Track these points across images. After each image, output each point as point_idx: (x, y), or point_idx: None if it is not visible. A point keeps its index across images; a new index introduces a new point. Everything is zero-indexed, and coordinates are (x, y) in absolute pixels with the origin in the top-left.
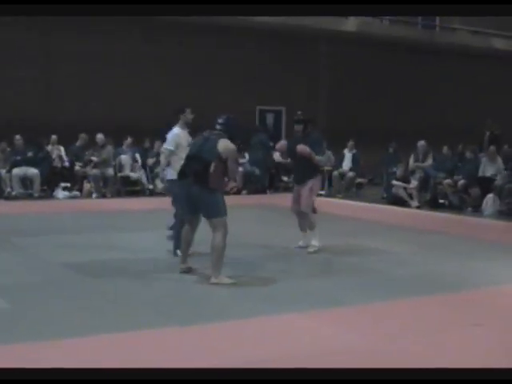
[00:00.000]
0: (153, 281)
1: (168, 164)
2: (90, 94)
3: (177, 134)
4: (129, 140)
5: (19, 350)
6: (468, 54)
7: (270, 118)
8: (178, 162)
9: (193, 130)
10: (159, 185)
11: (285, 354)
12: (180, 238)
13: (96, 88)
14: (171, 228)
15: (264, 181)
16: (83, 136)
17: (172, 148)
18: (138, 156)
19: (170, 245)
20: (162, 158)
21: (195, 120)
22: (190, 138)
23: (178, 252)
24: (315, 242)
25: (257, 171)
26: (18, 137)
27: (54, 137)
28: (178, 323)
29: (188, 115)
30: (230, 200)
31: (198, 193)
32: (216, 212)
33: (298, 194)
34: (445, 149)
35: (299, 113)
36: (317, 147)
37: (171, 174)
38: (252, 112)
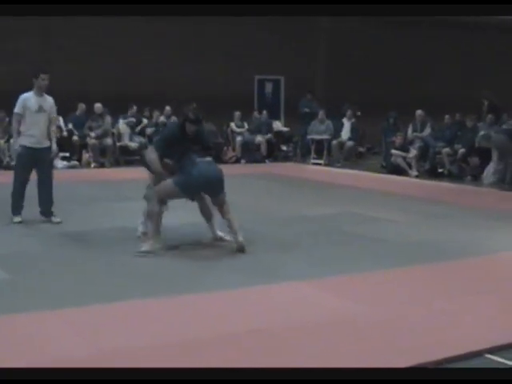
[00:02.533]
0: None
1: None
2: (89, 65)
3: (25, 98)
4: (134, 108)
5: (19, 320)
6: (467, 25)
7: (268, 87)
8: (26, 126)
9: (190, 99)
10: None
11: (288, 322)
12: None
13: (95, 58)
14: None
15: None
16: (81, 106)
17: (19, 111)
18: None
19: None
20: (13, 122)
21: (193, 89)
22: (49, 104)
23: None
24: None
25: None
26: None
27: None
28: (177, 293)
29: (41, 81)
30: (229, 169)
31: None
32: None
33: None
34: (446, 117)
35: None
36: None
37: (21, 139)
38: (251, 81)
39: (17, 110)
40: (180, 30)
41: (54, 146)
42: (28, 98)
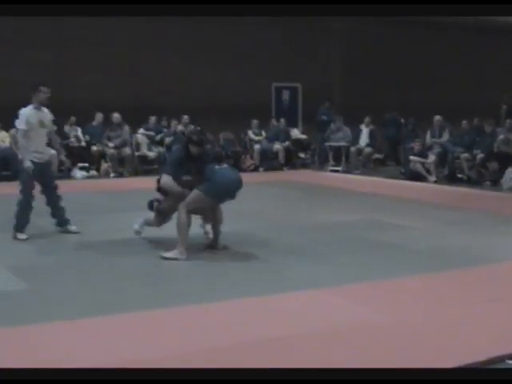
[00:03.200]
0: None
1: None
2: (104, 75)
3: (27, 113)
4: (152, 119)
5: (39, 330)
6: (485, 29)
7: (285, 95)
8: (31, 141)
9: (208, 107)
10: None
11: (306, 330)
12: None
13: (111, 67)
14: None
15: None
16: (99, 115)
17: (25, 127)
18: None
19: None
20: (20, 139)
21: (211, 98)
22: (48, 117)
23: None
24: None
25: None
26: None
27: (72, 118)
28: (194, 302)
29: (42, 94)
30: (247, 177)
31: None
32: None
33: None
34: (464, 123)
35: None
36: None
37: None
38: (268, 89)
39: (22, 125)
40: (197, 39)
41: (64, 158)
42: (30, 114)
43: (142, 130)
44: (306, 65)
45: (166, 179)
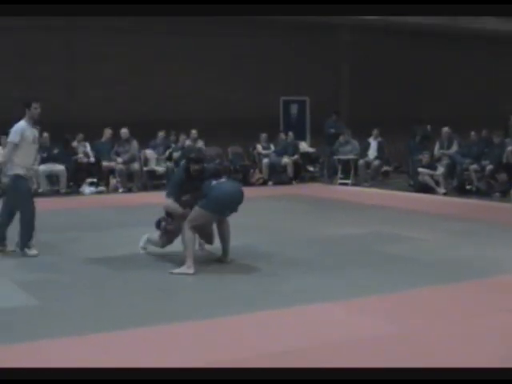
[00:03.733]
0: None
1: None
2: (115, 91)
3: (22, 128)
4: (160, 135)
5: (48, 347)
6: (491, 40)
7: (294, 109)
8: (21, 156)
9: (216, 122)
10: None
11: (316, 342)
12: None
13: (120, 84)
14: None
15: None
16: (107, 131)
17: (16, 141)
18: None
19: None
20: (8, 152)
21: (219, 112)
22: (36, 134)
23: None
24: None
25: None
26: (45, 134)
27: (80, 135)
28: (207, 316)
29: (34, 110)
30: (256, 191)
31: None
32: None
33: None
34: (472, 134)
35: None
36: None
37: (15, 168)
38: (276, 102)
39: (15, 139)
40: (205, 53)
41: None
42: (25, 129)
43: (148, 151)
44: (314, 78)
45: (168, 202)
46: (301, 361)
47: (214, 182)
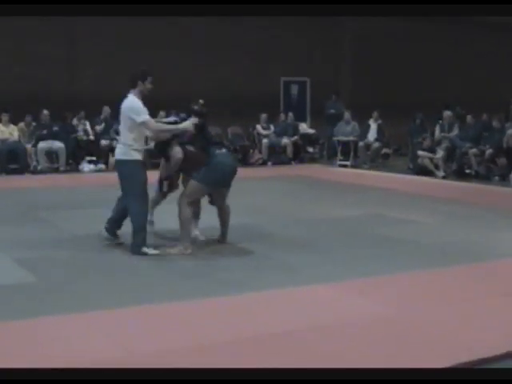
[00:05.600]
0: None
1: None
2: (115, 69)
3: (140, 103)
4: (162, 113)
5: (46, 323)
6: (494, 25)
7: (294, 89)
8: (138, 138)
9: (216, 102)
10: None
11: (310, 324)
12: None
13: (121, 63)
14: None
15: None
16: (106, 109)
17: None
18: None
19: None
20: (153, 126)
21: (219, 92)
22: None
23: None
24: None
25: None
26: (45, 112)
27: (82, 112)
28: (202, 295)
29: (148, 84)
30: (255, 172)
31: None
32: None
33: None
34: (468, 118)
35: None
36: None
37: (133, 153)
38: (277, 83)
39: (147, 116)
40: (206, 32)
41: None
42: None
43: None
44: (315, 59)
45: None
46: (295, 343)
47: (216, 151)
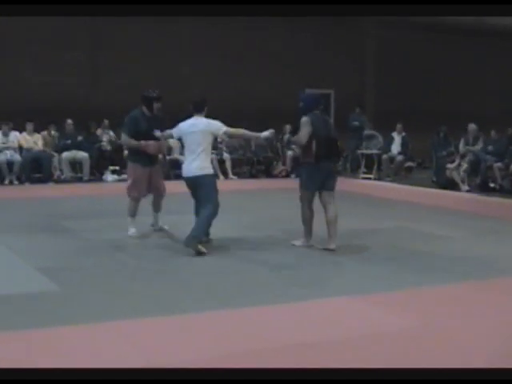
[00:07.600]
0: (200, 261)
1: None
2: (140, 78)
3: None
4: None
5: (69, 333)
6: None
7: None
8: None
9: (241, 113)
10: None
11: (336, 337)
12: None
13: (146, 72)
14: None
15: None
16: None
17: None
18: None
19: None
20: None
21: (243, 103)
22: None
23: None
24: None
25: None
26: (69, 121)
27: (105, 121)
28: (229, 306)
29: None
30: (279, 184)
31: (331, 169)
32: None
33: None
34: (493, 132)
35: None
36: None
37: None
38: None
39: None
40: (232, 43)
41: None
42: None
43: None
44: (339, 71)
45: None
46: (317, 355)
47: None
